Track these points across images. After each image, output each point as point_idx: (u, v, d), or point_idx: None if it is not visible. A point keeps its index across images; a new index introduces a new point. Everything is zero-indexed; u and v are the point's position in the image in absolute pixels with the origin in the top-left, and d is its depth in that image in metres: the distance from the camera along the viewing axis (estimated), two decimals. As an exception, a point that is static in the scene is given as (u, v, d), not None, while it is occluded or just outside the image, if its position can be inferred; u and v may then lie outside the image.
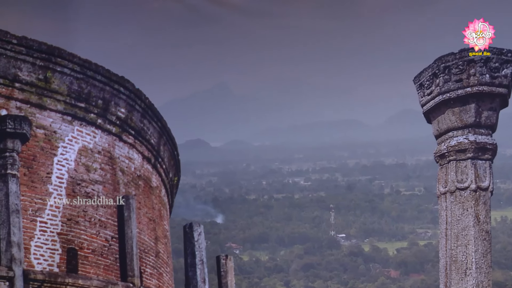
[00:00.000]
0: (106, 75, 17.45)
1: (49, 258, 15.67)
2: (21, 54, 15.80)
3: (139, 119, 18.82)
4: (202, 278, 16.97)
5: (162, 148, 20.83)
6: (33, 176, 15.74)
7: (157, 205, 20.54)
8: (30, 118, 15.04)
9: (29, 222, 15.44)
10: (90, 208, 16.88)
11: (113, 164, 17.89)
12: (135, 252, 16.30)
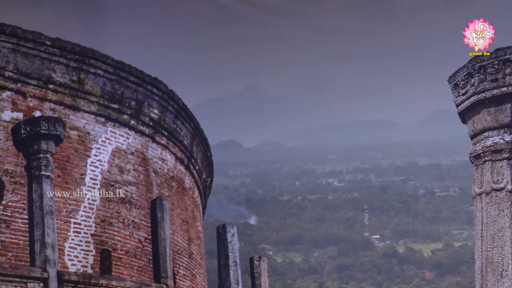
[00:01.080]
0: (139, 76, 17.48)
1: (83, 259, 15.72)
2: (55, 56, 15.87)
3: (172, 120, 18.83)
4: (236, 279, 16.93)
5: (195, 149, 20.82)
6: (67, 178, 15.80)
7: (190, 206, 20.53)
8: (63, 120, 15.09)
9: (63, 223, 15.50)
10: (124, 209, 16.92)
11: (146, 165, 17.91)
12: (168, 254, 16.31)
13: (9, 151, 14.90)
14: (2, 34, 15.10)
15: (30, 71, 15.54)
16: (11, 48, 15.23)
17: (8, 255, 14.49)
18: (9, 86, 15.26)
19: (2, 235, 14.50)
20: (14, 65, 15.31)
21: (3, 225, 14.56)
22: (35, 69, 15.63)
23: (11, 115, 15.18)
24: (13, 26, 15.33)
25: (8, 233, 14.59)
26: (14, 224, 14.70)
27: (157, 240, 16.31)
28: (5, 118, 15.08)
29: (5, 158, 14.89)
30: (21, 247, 14.62)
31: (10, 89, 15.27)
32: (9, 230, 14.62)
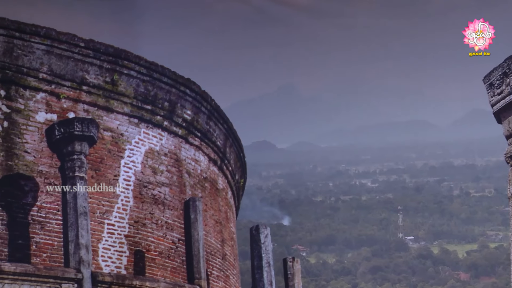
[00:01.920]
0: (172, 77, 17.49)
1: (116, 260, 15.76)
2: (88, 57, 15.93)
3: (205, 121, 18.82)
4: (269, 280, 16.88)
5: (228, 150, 20.80)
6: (101, 179, 15.85)
7: (223, 207, 20.52)
8: (97, 121, 15.13)
9: (97, 225, 15.55)
10: (157, 210, 16.94)
11: (179, 166, 17.92)
12: (201, 255, 16.30)
13: (43, 152, 14.98)
14: (36, 36, 15.18)
15: (64, 72, 15.61)
16: (45, 50, 15.31)
17: (42, 256, 14.56)
18: (43, 87, 15.34)
19: (37, 236, 14.58)
20: (48, 66, 15.39)
21: (38, 226, 14.64)
22: (69, 70, 15.70)
23: (45, 116, 15.26)
24: (47, 28, 15.41)
25: (43, 234, 14.66)
26: (48, 225, 14.77)
27: (191, 241, 16.31)
28: (39, 120, 15.16)
29: (40, 160, 14.97)
30: (56, 248, 14.69)
31: (44, 91, 15.35)
32: (44, 231, 14.69)
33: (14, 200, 14.46)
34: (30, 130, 14.98)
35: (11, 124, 14.78)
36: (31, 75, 15.17)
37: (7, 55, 14.87)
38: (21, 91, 15.08)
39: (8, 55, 14.88)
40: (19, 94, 15.03)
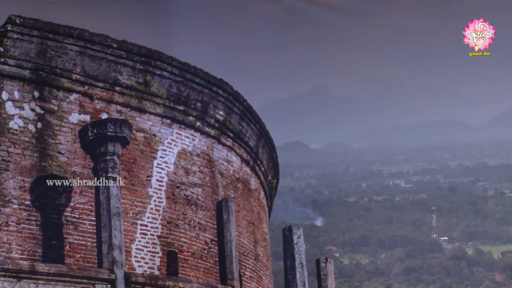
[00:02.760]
0: (204, 78, 17.48)
1: (149, 261, 15.77)
2: (121, 58, 15.97)
3: (237, 121, 18.79)
4: (302, 281, 16.81)
5: (261, 151, 20.76)
6: (134, 179, 15.88)
7: (256, 208, 20.48)
8: (130, 122, 15.16)
9: (130, 225, 15.58)
10: (190, 211, 16.94)
11: (212, 167, 17.91)
12: (234, 255, 16.27)
13: (76, 153, 15.04)
14: (70, 37, 15.25)
15: (97, 73, 15.66)
16: (78, 51, 15.37)
17: (76, 256, 14.61)
18: (77, 88, 15.40)
19: (70, 237, 14.63)
20: (81, 67, 15.45)
21: (71, 227, 14.70)
22: (101, 71, 15.75)
23: (79, 117, 15.32)
24: (80, 29, 15.47)
25: (76, 235, 14.71)
26: (81, 226, 14.82)
27: (223, 242, 16.28)
28: (72, 121, 15.22)
29: (73, 160, 15.02)
30: (89, 248, 14.73)
31: (77, 92, 15.41)
32: (77, 232, 14.74)
33: (48, 201, 14.52)
34: (63, 131, 15.05)
35: (45, 125, 14.85)
36: (64, 76, 15.24)
37: (41, 56, 14.95)
38: (55, 92, 15.15)
39: (42, 56, 14.96)
40: (52, 95, 15.10)
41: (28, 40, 14.79)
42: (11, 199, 14.06)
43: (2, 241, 13.79)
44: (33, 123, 14.70)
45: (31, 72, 14.83)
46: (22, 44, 14.74)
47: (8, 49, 14.60)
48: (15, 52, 14.66)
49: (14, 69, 14.66)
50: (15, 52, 14.66)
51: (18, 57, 14.69)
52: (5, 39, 14.57)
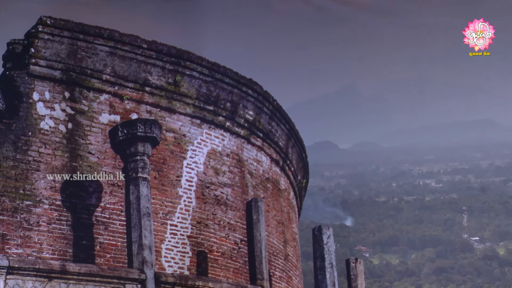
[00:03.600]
0: (234, 78, 17.48)
1: (179, 261, 15.79)
2: (151, 59, 16.01)
3: (267, 121, 18.77)
4: (332, 281, 16.73)
5: (290, 151, 20.72)
6: (163, 180, 15.91)
7: (285, 208, 20.44)
8: (160, 122, 15.20)
9: (160, 225, 15.61)
10: (219, 211, 16.94)
11: (241, 167, 17.90)
12: (264, 255, 16.23)
13: (106, 153, 15.09)
14: (100, 38, 15.31)
15: (127, 74, 15.71)
16: (109, 52, 15.42)
17: (106, 256, 14.66)
18: (107, 89, 15.46)
19: (101, 237, 14.69)
20: (112, 68, 15.50)
21: (102, 227, 14.75)
22: (132, 72, 15.79)
23: (109, 117, 15.37)
24: (111, 29, 15.52)
25: (107, 235, 14.77)
26: (112, 226, 14.88)
27: (253, 241, 16.25)
28: (103, 121, 15.28)
29: (103, 161, 15.08)
30: (119, 248, 14.78)
31: (107, 92, 15.47)
32: (107, 232, 14.80)
33: (79, 201, 14.59)
34: (93, 131, 15.11)
35: (75, 126, 14.92)
36: (94, 76, 15.31)
37: (71, 57, 15.02)
38: (85, 92, 15.21)
39: (72, 57, 15.03)
40: (83, 96, 15.17)
41: (58, 41, 14.87)
42: (42, 199, 14.15)
43: (33, 241, 13.87)
44: (63, 123, 14.77)
45: (62, 73, 14.91)
46: (53, 45, 14.82)
47: (39, 50, 14.68)
48: (46, 53, 14.75)
49: (45, 69, 14.75)
50: (46, 53, 14.75)
51: (49, 57, 14.77)
52: (36, 40, 14.66)
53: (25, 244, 13.76)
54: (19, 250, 13.65)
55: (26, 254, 13.67)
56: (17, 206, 13.83)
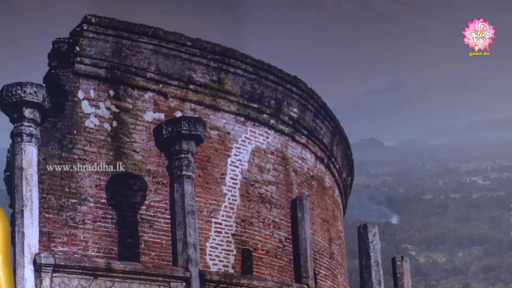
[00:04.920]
0: (278, 75, 17.41)
1: (224, 259, 15.77)
2: (195, 56, 16.00)
3: (311, 118, 18.67)
4: (378, 280, 16.59)
5: (335, 148, 20.60)
6: (208, 177, 15.89)
7: (330, 206, 20.33)
8: (204, 120, 15.19)
9: (204, 223, 15.60)
10: (264, 209, 16.89)
11: (286, 165, 17.82)
12: (309, 254, 16.15)
13: (151, 151, 15.12)
14: (144, 36, 15.34)
15: (171, 72, 15.72)
16: (153, 50, 15.45)
17: (151, 254, 14.69)
18: (151, 87, 15.48)
19: (146, 235, 14.72)
20: (156, 66, 15.52)
21: (146, 225, 14.78)
22: (176, 70, 15.80)
23: (153, 115, 15.39)
24: (155, 27, 15.55)
25: (151, 233, 14.79)
26: (156, 224, 14.90)
27: (298, 240, 16.18)
28: (147, 119, 15.31)
29: (148, 159, 15.11)
30: (164, 246, 14.80)
31: (152, 90, 15.50)
32: (152, 230, 14.82)
33: (124, 199, 14.64)
34: (138, 129, 15.15)
35: (120, 124, 14.97)
36: (139, 74, 15.34)
37: (116, 55, 15.07)
38: (130, 90, 15.25)
39: (116, 55, 15.08)
40: (127, 94, 15.21)
41: (103, 39, 14.93)
42: (87, 197, 14.21)
43: (78, 239, 13.95)
44: (108, 121, 14.82)
45: (107, 71, 14.96)
46: (97, 43, 14.88)
47: (84, 49, 14.75)
48: (91, 51, 14.81)
49: (90, 68, 14.82)
50: (91, 51, 14.81)
51: (94, 56, 14.83)
52: (81, 39, 14.73)
53: (71, 242, 13.84)
54: (64, 248, 13.74)
55: (72, 252, 13.75)
56: (63, 204, 13.92)
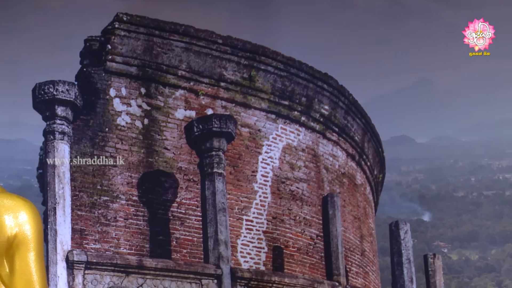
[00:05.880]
0: (309, 72, 17.37)
1: (255, 256, 15.78)
2: (226, 54, 16.01)
3: (342, 116, 18.61)
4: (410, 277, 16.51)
5: (366, 145, 20.52)
6: (239, 175, 15.90)
7: (362, 203, 20.26)
8: (235, 117, 15.19)
9: (236, 221, 15.61)
10: (295, 206, 16.87)
11: (317, 162, 17.79)
12: (340, 251, 16.11)
13: (182, 149, 15.15)
14: (175, 34, 15.38)
15: (202, 69, 15.74)
16: (184, 47, 15.48)
17: (182, 251, 14.73)
18: (182, 84, 15.52)
19: (177, 232, 14.76)
20: (187, 64, 15.55)
21: (178, 222, 14.82)
22: (207, 67, 15.82)
23: (184, 113, 15.43)
24: (186, 25, 15.58)
25: (183, 230, 14.83)
26: (188, 221, 14.93)
27: (329, 237, 16.14)
28: (178, 117, 15.34)
29: (179, 156, 15.15)
30: (195, 244, 14.83)
31: (183, 88, 15.53)
32: (183, 227, 14.86)
33: (155, 196, 14.69)
34: (169, 127, 15.19)
35: (151, 122, 15.02)
36: (170, 72, 15.38)
37: (147, 53, 15.12)
38: (161, 88, 15.30)
39: (148, 53, 15.13)
40: (158, 92, 15.26)
41: (135, 37, 14.99)
42: (119, 194, 14.28)
43: (110, 236, 14.02)
44: (140, 119, 14.88)
45: (138, 69, 15.02)
46: (129, 41, 14.94)
47: (116, 47, 14.82)
48: (122, 49, 14.87)
49: (122, 66, 14.88)
50: (122, 49, 14.87)
51: (125, 54, 14.89)
52: (112, 37, 14.79)
53: (103, 239, 13.92)
54: (97, 245, 13.82)
55: (104, 249, 13.83)
56: (95, 201, 14.00)
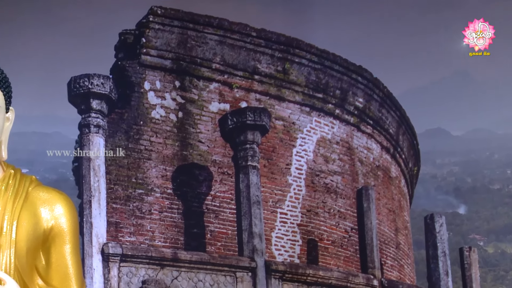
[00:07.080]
0: (343, 65, 17.31)
1: (289, 249, 15.78)
2: (260, 47, 16.00)
3: (377, 108, 18.52)
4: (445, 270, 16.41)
5: (401, 138, 20.41)
6: (273, 168, 15.90)
7: (396, 196, 20.16)
8: (269, 110, 15.18)
9: (270, 213, 15.62)
10: (329, 199, 16.83)
11: (351, 155, 17.73)
12: (375, 244, 16.04)
13: (216, 142, 15.18)
14: (209, 27, 15.39)
15: (236, 62, 15.75)
16: (218, 40, 15.49)
17: (217, 244, 14.77)
18: (216, 77, 15.54)
19: (212, 225, 14.80)
20: (221, 57, 15.56)
21: (212, 215, 14.86)
22: (241, 60, 15.82)
23: (218, 106, 15.45)
24: (220, 18, 15.58)
25: (217, 223, 14.87)
26: (222, 214, 14.97)
27: (364, 230, 16.07)
28: (212, 110, 15.37)
29: (213, 149, 15.18)
30: (230, 236, 14.86)
31: (217, 81, 15.55)
32: (218, 220, 14.89)
33: (189, 189, 14.74)
34: (203, 120, 15.22)
35: (186, 115, 15.06)
36: (204, 65, 15.40)
37: (182, 46, 15.15)
38: (195, 81, 15.33)
39: (182, 46, 15.16)
40: (193, 85, 15.29)
41: (169, 30, 15.02)
42: (154, 187, 14.34)
43: (145, 229, 14.10)
44: (174, 112, 14.93)
45: (172, 62, 15.06)
46: (163, 34, 14.98)
47: (150, 40, 14.87)
48: (157, 43, 14.92)
49: (156, 59, 14.93)
50: (157, 42, 14.92)
51: (160, 47, 14.94)
52: (147, 30, 14.85)
53: (138, 232, 14.00)
54: (132, 238, 13.90)
55: (139, 242, 13.90)
56: (130, 194, 14.07)
